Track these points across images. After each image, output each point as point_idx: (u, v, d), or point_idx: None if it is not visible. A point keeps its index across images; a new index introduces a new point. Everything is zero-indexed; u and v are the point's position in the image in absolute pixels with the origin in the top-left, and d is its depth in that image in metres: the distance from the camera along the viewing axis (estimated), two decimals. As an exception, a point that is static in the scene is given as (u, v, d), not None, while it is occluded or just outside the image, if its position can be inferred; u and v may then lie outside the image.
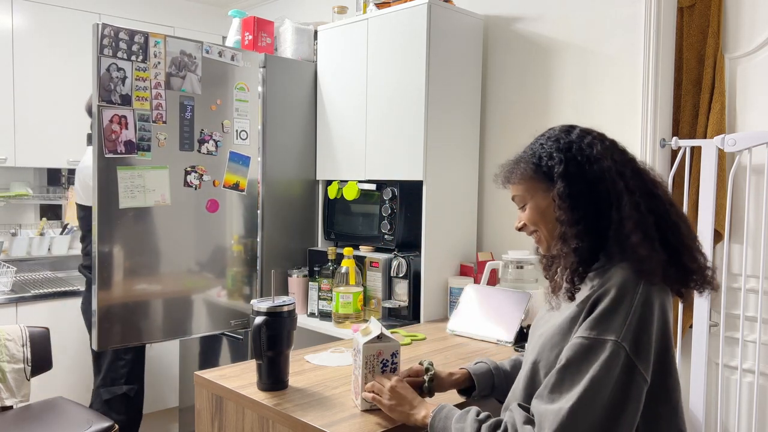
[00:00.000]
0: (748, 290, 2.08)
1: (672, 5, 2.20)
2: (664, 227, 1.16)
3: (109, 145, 2.21)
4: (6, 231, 3.52)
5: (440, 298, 2.51)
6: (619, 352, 1.06)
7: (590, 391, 1.05)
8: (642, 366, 1.07)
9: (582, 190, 1.17)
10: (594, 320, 1.10)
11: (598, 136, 1.24)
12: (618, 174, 1.17)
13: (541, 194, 1.24)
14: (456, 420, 1.23)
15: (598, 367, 1.05)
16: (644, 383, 1.08)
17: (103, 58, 2.17)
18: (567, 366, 1.09)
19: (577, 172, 1.18)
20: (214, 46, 2.45)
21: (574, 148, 1.21)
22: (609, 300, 1.10)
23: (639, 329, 1.08)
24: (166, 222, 2.37)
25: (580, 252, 1.16)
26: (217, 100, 2.46)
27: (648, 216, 1.14)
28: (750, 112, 2.12)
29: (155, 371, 3.43)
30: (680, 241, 1.17)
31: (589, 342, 1.08)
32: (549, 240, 1.26)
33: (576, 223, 1.17)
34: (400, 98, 2.47)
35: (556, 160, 1.20)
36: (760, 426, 2.08)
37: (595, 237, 1.16)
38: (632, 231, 1.12)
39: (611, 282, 1.12)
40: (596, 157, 1.19)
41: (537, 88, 2.52)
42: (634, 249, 1.11)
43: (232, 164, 2.52)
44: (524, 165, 1.26)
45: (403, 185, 2.52)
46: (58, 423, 2.36)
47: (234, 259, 2.58)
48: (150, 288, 2.36)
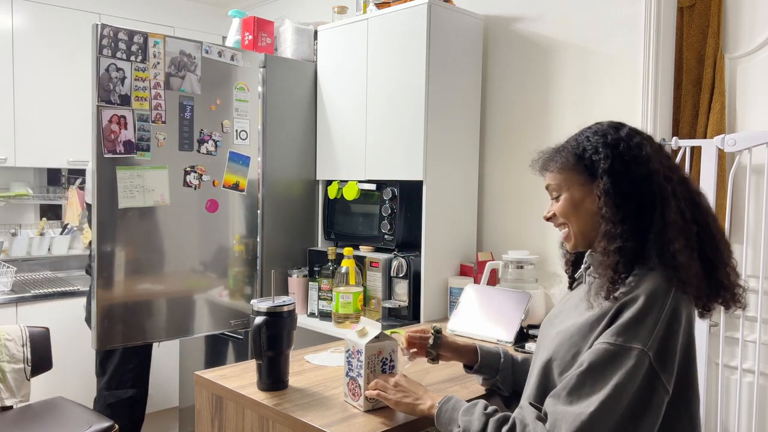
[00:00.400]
0: (748, 290, 2.08)
1: (672, 5, 2.20)
2: (705, 239, 1.14)
3: (108, 145, 2.21)
4: (6, 231, 3.52)
5: (440, 298, 2.51)
6: (644, 361, 1.04)
7: (612, 398, 1.03)
8: (665, 377, 1.06)
9: (627, 189, 1.15)
10: (621, 326, 1.08)
11: (647, 138, 1.22)
12: (665, 179, 1.15)
13: (578, 187, 1.21)
14: (463, 412, 1.22)
15: (622, 375, 1.04)
16: (666, 394, 1.07)
17: (102, 58, 2.18)
18: (589, 370, 1.07)
19: (623, 170, 1.16)
20: (214, 46, 2.45)
21: (621, 145, 1.18)
22: (638, 307, 1.08)
23: (665, 339, 1.06)
24: (166, 222, 2.37)
25: (624, 252, 1.13)
26: (216, 100, 2.46)
27: (692, 225, 1.13)
28: (750, 112, 2.11)
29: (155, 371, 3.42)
30: (718, 256, 1.15)
31: (615, 348, 1.06)
32: (577, 236, 1.24)
33: (621, 222, 1.14)
34: (400, 98, 2.47)
35: (602, 155, 1.17)
36: (760, 426, 2.08)
37: (639, 239, 1.14)
38: (675, 237, 1.10)
39: (641, 289, 1.10)
40: (645, 158, 1.16)
41: (537, 88, 2.52)
42: (674, 255, 1.09)
43: (231, 164, 2.52)
44: (566, 155, 1.23)
45: (403, 185, 2.52)
46: (58, 423, 2.36)
47: (234, 258, 2.58)
48: (150, 288, 2.36)
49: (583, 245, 1.25)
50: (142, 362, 2.70)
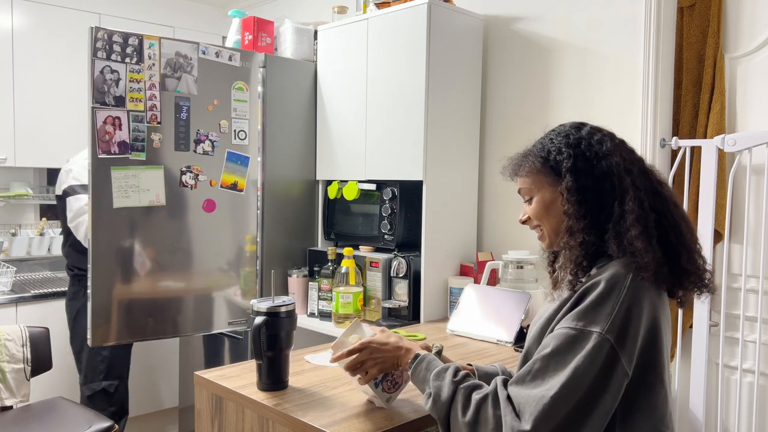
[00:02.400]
0: (748, 290, 2.08)
1: (672, 5, 2.20)
2: (666, 226, 1.18)
3: (103, 146, 2.22)
4: (6, 231, 3.52)
5: (440, 298, 2.51)
6: (604, 344, 1.08)
7: (573, 380, 1.06)
8: (625, 359, 1.09)
9: (589, 184, 1.19)
10: (581, 311, 1.12)
11: (608, 134, 1.26)
12: (626, 171, 1.19)
13: (547, 188, 1.26)
14: (434, 376, 1.24)
15: (582, 358, 1.07)
16: (624, 377, 1.09)
17: (97, 60, 2.19)
18: (551, 354, 1.11)
19: (585, 167, 1.20)
20: (211, 46, 2.45)
21: (583, 144, 1.23)
22: (597, 292, 1.12)
23: (625, 323, 1.09)
24: (162, 222, 2.37)
25: (586, 246, 1.18)
26: (214, 101, 2.46)
27: (650, 213, 1.16)
28: (750, 112, 2.11)
29: (155, 371, 3.43)
30: (681, 241, 1.18)
31: (575, 332, 1.10)
32: (552, 236, 1.28)
33: (583, 217, 1.18)
34: (400, 98, 2.47)
35: (565, 155, 1.22)
36: (760, 426, 2.08)
37: (601, 232, 1.18)
38: (633, 225, 1.14)
39: (602, 275, 1.14)
40: (605, 153, 1.21)
41: (537, 88, 2.52)
42: (631, 242, 1.13)
43: (229, 164, 2.52)
44: (532, 158, 1.27)
45: (403, 185, 2.52)
46: (58, 423, 2.36)
47: (233, 258, 2.58)
48: (146, 286, 2.36)
49: (558, 244, 1.28)
50: (112, 354, 2.69)
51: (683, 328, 2.21)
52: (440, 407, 1.19)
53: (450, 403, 1.18)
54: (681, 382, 2.27)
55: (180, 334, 2.52)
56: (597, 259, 1.19)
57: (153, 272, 2.38)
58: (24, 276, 3.43)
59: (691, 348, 2.14)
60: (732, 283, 2.14)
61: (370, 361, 1.40)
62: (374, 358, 1.40)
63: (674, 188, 2.19)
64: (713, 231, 2.09)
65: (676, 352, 2.25)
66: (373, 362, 1.40)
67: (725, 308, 2.08)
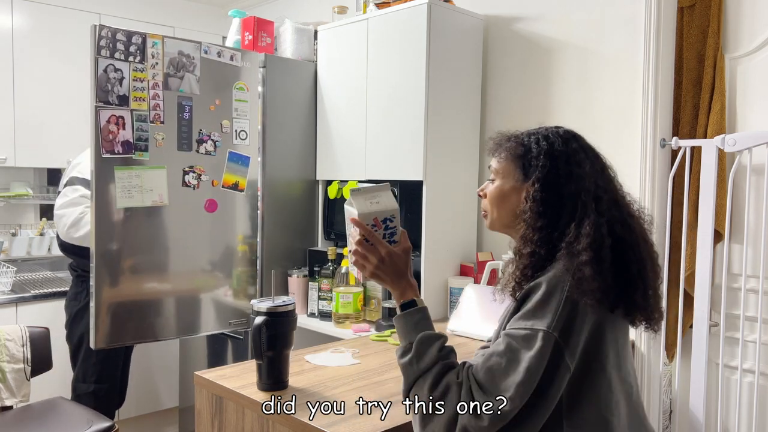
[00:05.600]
0: (748, 290, 2.08)
1: (672, 5, 2.20)
2: (631, 258, 1.18)
3: (107, 146, 2.21)
4: (6, 231, 3.52)
5: (440, 298, 2.51)
6: (550, 340, 1.11)
7: (527, 381, 1.10)
8: (568, 354, 1.12)
9: (552, 200, 1.20)
10: (528, 312, 1.14)
11: (593, 157, 1.26)
12: (594, 198, 1.19)
13: (511, 180, 1.27)
14: (422, 340, 1.20)
15: (532, 357, 1.10)
16: (567, 372, 1.13)
17: (100, 59, 2.18)
18: (504, 354, 1.13)
19: (554, 183, 1.20)
20: (213, 46, 2.45)
21: (562, 159, 1.22)
22: (541, 292, 1.14)
23: (568, 320, 1.12)
24: (165, 222, 2.37)
25: (535, 257, 1.19)
26: (215, 101, 2.46)
27: (607, 238, 1.16)
28: (750, 112, 2.11)
29: (155, 371, 3.43)
30: (641, 276, 1.19)
31: (524, 332, 1.13)
32: (494, 221, 1.31)
33: (539, 229, 1.19)
34: (400, 98, 2.47)
35: (541, 162, 1.22)
36: (760, 426, 2.08)
37: (553, 248, 1.19)
38: (585, 249, 1.14)
39: (544, 276, 1.16)
40: (579, 175, 1.20)
41: (537, 88, 2.52)
42: (580, 267, 1.13)
43: (231, 164, 2.52)
44: (514, 147, 1.28)
45: (403, 185, 2.52)
46: (58, 423, 2.36)
47: (234, 258, 2.58)
48: (149, 287, 2.36)
49: (497, 229, 1.32)
50: (107, 359, 2.68)
51: (683, 328, 2.21)
52: (413, 371, 1.18)
53: (423, 373, 1.17)
54: (681, 382, 2.27)
55: (185, 335, 2.51)
56: (543, 269, 1.20)
57: (155, 273, 2.37)
58: (24, 276, 3.43)
59: (691, 348, 2.14)
60: (732, 283, 2.14)
61: (371, 260, 1.31)
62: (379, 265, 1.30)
63: (674, 188, 2.20)
64: (713, 231, 2.09)
65: (676, 352, 2.25)
66: (372, 265, 1.31)
67: (725, 308, 2.08)
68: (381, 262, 1.30)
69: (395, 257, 1.31)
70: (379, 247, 1.31)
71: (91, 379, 2.67)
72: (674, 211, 2.23)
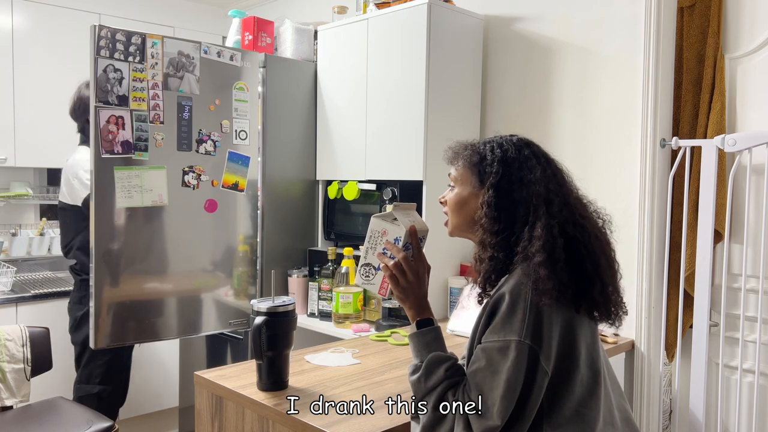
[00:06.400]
0: (748, 290, 2.08)
1: (672, 5, 2.20)
2: (584, 255, 1.22)
3: (106, 146, 2.21)
4: (6, 231, 3.52)
5: (440, 298, 2.51)
6: (524, 349, 1.15)
7: (508, 392, 1.14)
8: (543, 359, 1.16)
9: (506, 205, 1.26)
10: (497, 325, 1.19)
11: (544, 162, 1.30)
12: (545, 201, 1.24)
13: (468, 188, 1.33)
14: (430, 360, 1.25)
15: (510, 368, 1.14)
16: (545, 376, 1.16)
17: (100, 59, 2.18)
18: (482, 370, 1.17)
19: (507, 189, 1.26)
20: (213, 46, 2.45)
21: (514, 165, 1.28)
22: (505, 304, 1.18)
23: (537, 325, 1.16)
24: (164, 222, 2.37)
25: (495, 261, 1.25)
26: (215, 101, 2.46)
27: (558, 239, 1.20)
28: (750, 112, 2.11)
29: (155, 371, 3.43)
30: (597, 272, 1.23)
31: (497, 344, 1.17)
32: (454, 228, 1.37)
33: (496, 234, 1.25)
34: (400, 98, 2.47)
35: (494, 169, 1.28)
36: (760, 426, 2.08)
37: (511, 252, 1.24)
38: (538, 251, 1.18)
39: (505, 287, 1.21)
40: (530, 180, 1.26)
41: (537, 88, 2.52)
42: (536, 269, 1.17)
43: (231, 164, 2.52)
44: (470, 155, 1.34)
45: (403, 185, 2.52)
46: (58, 423, 2.36)
47: (234, 259, 2.58)
48: (149, 287, 2.36)
49: (456, 234, 1.38)
50: (112, 360, 2.68)
51: (683, 328, 2.21)
52: (420, 389, 1.24)
53: (429, 392, 1.22)
54: (681, 382, 2.27)
55: (185, 335, 2.51)
56: (505, 273, 1.26)
57: (155, 273, 2.37)
58: (24, 276, 3.43)
59: (691, 348, 2.14)
60: (732, 283, 2.14)
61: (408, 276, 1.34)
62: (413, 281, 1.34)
63: (674, 188, 2.20)
64: (713, 231, 2.09)
65: (676, 352, 2.25)
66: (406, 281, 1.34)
67: (725, 308, 2.08)
68: (416, 278, 1.35)
69: (426, 276, 1.38)
70: (419, 265, 1.37)
71: (95, 380, 2.66)
72: (674, 211, 2.23)
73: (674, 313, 2.23)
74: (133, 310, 2.33)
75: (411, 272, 1.34)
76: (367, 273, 1.42)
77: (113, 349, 2.62)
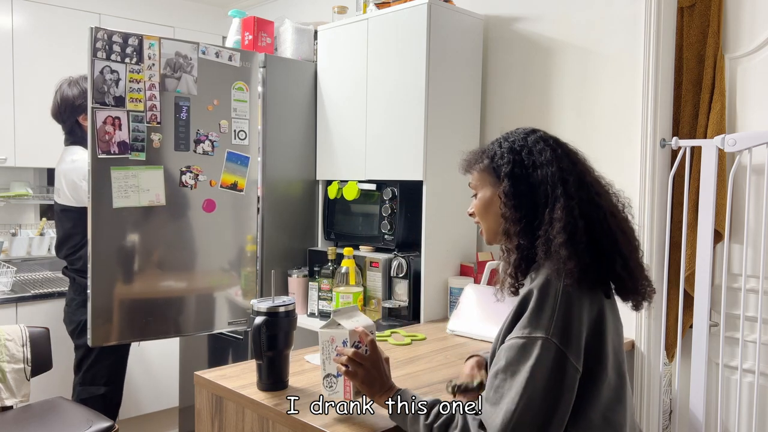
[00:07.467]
0: (748, 290, 2.08)
1: (672, 5, 2.20)
2: (600, 233, 1.22)
3: (103, 146, 2.22)
4: (6, 231, 3.52)
5: (440, 298, 2.51)
6: (551, 347, 1.13)
7: (531, 388, 1.12)
8: (573, 357, 1.14)
9: (524, 191, 1.26)
10: (525, 320, 1.18)
11: (553, 145, 1.31)
12: (561, 180, 1.24)
13: (488, 187, 1.34)
14: (410, 422, 1.27)
15: (533, 365, 1.13)
16: (576, 372, 1.15)
17: (97, 60, 2.20)
18: (506, 366, 1.16)
19: (521, 174, 1.27)
20: (211, 46, 2.45)
21: (524, 152, 1.30)
22: (534, 299, 1.18)
23: (566, 322, 1.15)
24: (162, 222, 2.37)
25: (522, 249, 1.26)
26: (214, 101, 2.46)
27: (579, 220, 1.20)
28: (750, 112, 2.11)
29: (155, 371, 3.43)
30: (615, 249, 1.23)
31: (523, 341, 1.16)
32: (488, 233, 1.37)
33: (518, 221, 1.26)
34: (400, 98, 2.47)
35: (506, 160, 1.30)
36: (760, 426, 2.08)
37: (534, 237, 1.24)
38: (559, 232, 1.19)
39: (534, 283, 1.21)
40: (542, 162, 1.27)
41: (537, 88, 2.52)
42: (557, 250, 1.18)
43: (229, 164, 2.52)
44: (482, 157, 1.37)
45: (403, 185, 2.52)
46: (58, 423, 2.36)
47: (233, 258, 2.58)
48: (148, 287, 2.36)
49: (495, 241, 1.36)
50: (116, 361, 2.69)
51: (683, 328, 2.21)
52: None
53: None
54: (681, 382, 2.27)
55: (181, 334, 2.52)
56: (534, 261, 1.26)
57: (153, 272, 2.37)
58: (24, 276, 3.43)
59: (691, 348, 2.14)
60: (732, 283, 2.14)
61: (356, 372, 1.36)
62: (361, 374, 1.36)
63: (674, 189, 2.20)
64: (713, 231, 2.09)
65: (676, 352, 2.25)
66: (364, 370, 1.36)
67: (725, 308, 2.08)
68: (373, 366, 1.36)
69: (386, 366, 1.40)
70: (374, 354, 1.38)
71: (101, 381, 2.66)
72: (674, 211, 2.23)
73: (674, 313, 2.23)
74: (130, 309, 2.33)
75: (366, 362, 1.36)
76: (330, 384, 1.45)
77: (117, 350, 2.63)
